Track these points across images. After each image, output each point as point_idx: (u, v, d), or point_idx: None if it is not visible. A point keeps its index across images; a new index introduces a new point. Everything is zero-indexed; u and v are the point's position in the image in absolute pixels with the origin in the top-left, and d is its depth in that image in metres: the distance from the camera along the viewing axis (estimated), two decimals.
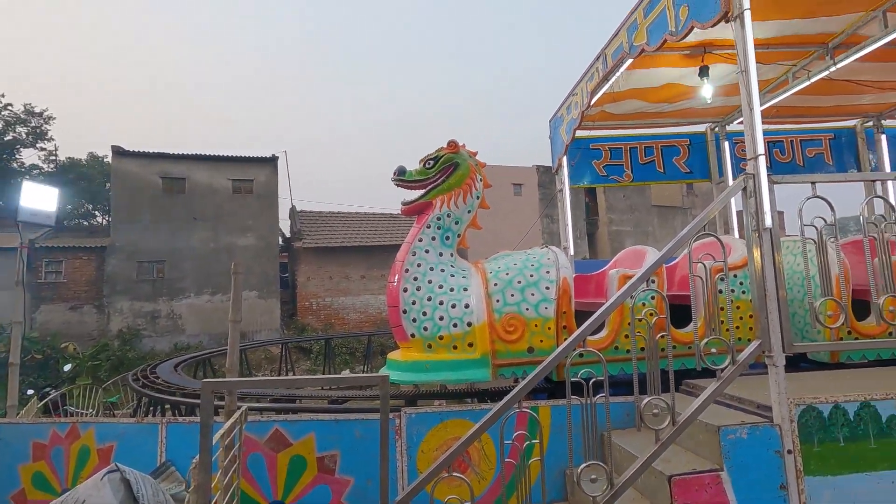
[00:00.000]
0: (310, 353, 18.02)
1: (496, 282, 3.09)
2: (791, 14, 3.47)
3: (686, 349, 2.96)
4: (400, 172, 3.37)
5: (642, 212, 24.90)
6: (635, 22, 3.19)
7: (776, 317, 2.12)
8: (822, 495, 2.06)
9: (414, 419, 2.75)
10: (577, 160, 5.30)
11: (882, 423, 2.14)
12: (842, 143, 5.55)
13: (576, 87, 4.35)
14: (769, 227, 2.15)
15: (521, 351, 3.00)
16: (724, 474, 2.06)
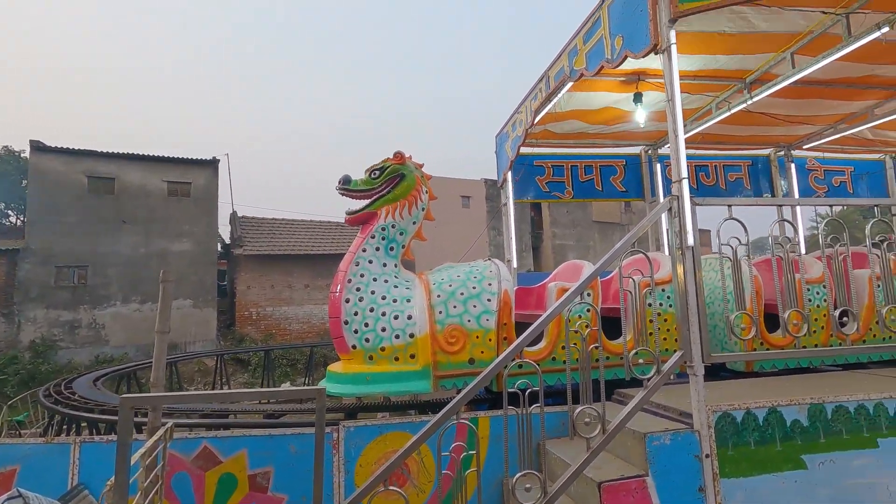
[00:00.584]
0: (248, 365, 17.24)
1: (439, 293, 3.11)
2: (714, 50, 3.78)
3: (618, 360, 3.10)
4: (345, 181, 3.33)
5: (584, 227, 25.93)
6: (576, 47, 3.36)
7: (696, 329, 2.27)
8: (735, 496, 2.21)
9: (352, 433, 2.70)
10: (522, 176, 5.46)
11: (786, 427, 2.34)
12: (758, 169, 6.07)
13: (521, 105, 4.50)
14: (691, 246, 2.31)
15: (463, 362, 3.03)
16: (649, 479, 2.17)
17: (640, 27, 2.60)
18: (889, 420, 2.43)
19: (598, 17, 3.06)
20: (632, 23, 2.68)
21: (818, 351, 2.93)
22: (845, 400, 2.41)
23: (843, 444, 2.36)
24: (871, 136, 5.69)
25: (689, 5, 2.43)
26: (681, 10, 2.44)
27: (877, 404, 2.42)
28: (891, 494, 2.37)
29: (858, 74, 4.24)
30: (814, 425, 2.36)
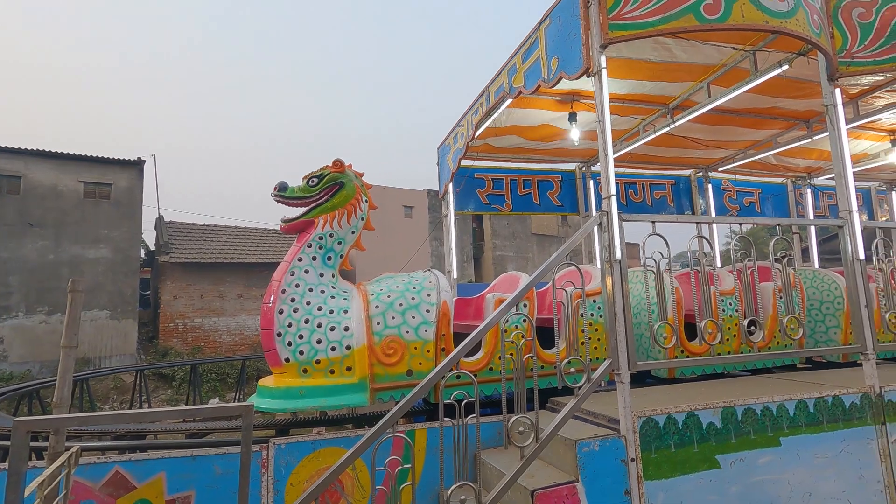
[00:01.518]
0: (172, 380, 16.10)
1: (377, 304, 3.07)
2: (641, 76, 4.05)
3: (553, 369, 3.20)
4: (281, 188, 3.23)
5: (523, 239, 26.66)
6: (514, 66, 3.47)
7: (623, 338, 2.39)
8: (657, 497, 2.33)
9: (283, 450, 2.58)
10: (463, 188, 5.54)
11: (703, 429, 2.50)
12: (680, 188, 6.53)
13: (462, 118, 4.58)
14: (619, 259, 2.44)
15: (401, 374, 3.00)
16: (579, 485, 2.24)
17: (574, 51, 2.73)
18: (790, 420, 2.66)
19: (535, 38, 3.18)
20: (566, 46, 2.82)
21: (731, 357, 3.17)
22: (753, 403, 2.62)
23: (751, 444, 2.56)
24: (775, 162, 6.31)
25: (617, 33, 2.59)
26: (610, 37, 2.59)
27: (779, 406, 2.65)
28: (792, 489, 2.60)
29: (764, 106, 4.70)
30: (726, 427, 2.54)
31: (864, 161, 6.17)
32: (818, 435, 2.71)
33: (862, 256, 2.96)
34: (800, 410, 2.69)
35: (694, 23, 2.58)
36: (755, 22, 2.61)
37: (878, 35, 3.16)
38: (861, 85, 4.37)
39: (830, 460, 2.70)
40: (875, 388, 2.87)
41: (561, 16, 2.90)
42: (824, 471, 2.67)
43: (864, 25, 3.19)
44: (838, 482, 2.68)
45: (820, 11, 3.05)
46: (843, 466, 2.71)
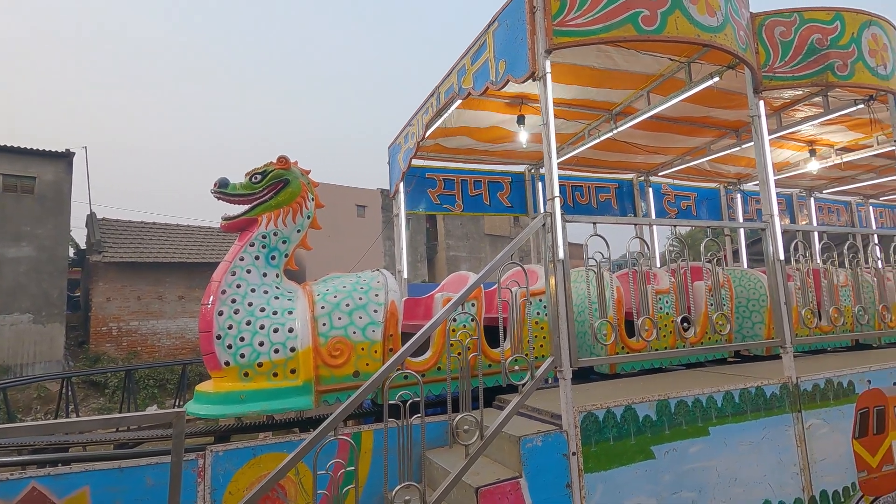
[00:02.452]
0: (105, 388, 15.09)
1: (323, 305, 3.00)
2: (585, 82, 4.18)
3: (499, 367, 3.25)
4: (222, 184, 3.09)
5: (476, 239, 26.95)
6: (464, 67, 3.50)
7: (566, 336, 2.46)
8: (596, 489, 2.42)
9: (221, 457, 2.47)
10: (414, 187, 5.53)
11: (639, 422, 2.62)
12: (623, 191, 6.81)
13: (413, 118, 4.56)
14: (562, 259, 2.51)
15: (347, 375, 2.95)
16: (522, 480, 2.28)
17: (521, 54, 2.79)
18: (718, 410, 2.83)
19: (484, 40, 3.22)
20: (513, 49, 2.87)
21: (666, 353, 3.32)
22: (685, 395, 2.77)
23: (683, 434, 2.70)
24: (709, 168, 6.70)
25: (562, 39, 2.66)
26: (555, 42, 2.66)
27: (708, 397, 2.82)
28: (719, 475, 2.76)
29: (698, 115, 4.98)
30: (660, 419, 2.66)
31: (786, 169, 6.67)
32: (743, 424, 2.89)
33: (782, 257, 3.19)
34: (726, 401, 2.87)
35: (633, 33, 2.69)
36: (688, 35, 2.76)
37: (797, 52, 3.42)
38: (783, 98, 4.72)
39: (753, 447, 2.89)
40: (793, 378, 3.10)
41: (508, 20, 2.95)
42: (748, 457, 2.86)
43: (784, 43, 3.44)
44: (760, 467, 2.88)
45: (746, 28, 3.27)
46: (765, 452, 2.91)
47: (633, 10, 2.68)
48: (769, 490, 2.88)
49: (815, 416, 3.14)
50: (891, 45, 3.69)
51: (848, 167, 6.95)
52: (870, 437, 3.33)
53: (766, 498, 2.86)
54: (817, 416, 3.15)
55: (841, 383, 3.29)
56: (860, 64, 3.49)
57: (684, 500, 2.63)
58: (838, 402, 3.25)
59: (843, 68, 3.44)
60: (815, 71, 3.41)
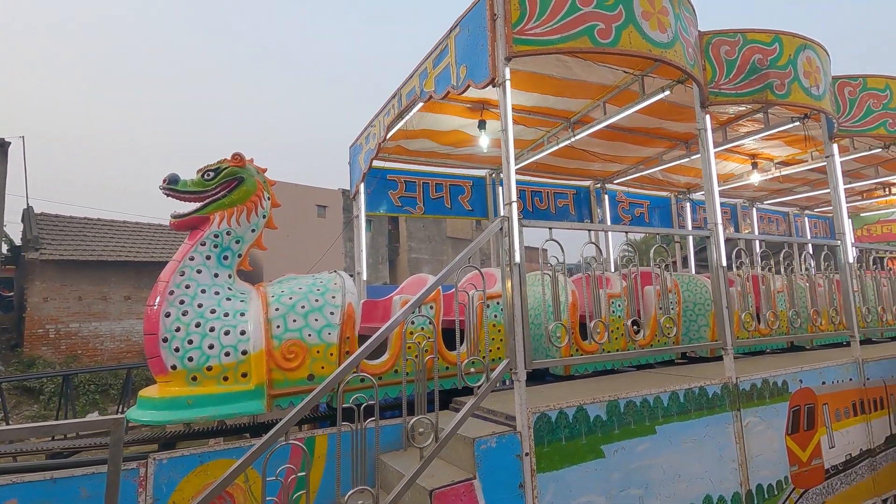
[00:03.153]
0: (40, 394, 14.13)
1: (278, 306, 2.93)
2: (545, 90, 4.28)
3: (457, 370, 3.26)
4: (172, 181, 2.97)
5: (438, 242, 27.01)
6: (426, 70, 3.51)
7: (521, 338, 2.50)
8: (548, 488, 2.47)
9: (165, 465, 2.37)
10: (375, 189, 5.49)
11: (590, 422, 2.69)
12: (581, 198, 7.00)
13: (374, 118, 4.54)
14: (518, 263, 2.55)
15: (301, 379, 2.89)
16: (476, 482, 2.30)
17: (481, 60, 2.82)
18: (663, 410, 2.95)
19: (446, 45, 3.24)
20: (474, 55, 2.90)
21: (617, 355, 3.45)
22: (634, 396, 2.87)
23: (631, 433, 2.80)
24: (661, 177, 6.99)
25: (521, 48, 2.72)
26: (515, 50, 2.71)
27: (655, 397, 2.93)
28: (664, 472, 2.88)
29: (651, 126, 5.19)
30: (610, 419, 2.75)
31: (731, 180, 7.05)
32: (687, 422, 3.03)
33: (724, 263, 3.37)
34: (672, 401, 3.00)
35: (589, 45, 2.78)
36: (640, 50, 2.88)
37: (740, 71, 3.63)
38: (728, 113, 4.99)
39: (696, 444, 3.03)
40: (733, 379, 3.27)
41: (470, 25, 2.98)
42: (691, 453, 2.99)
43: (729, 61, 3.64)
44: (702, 463, 3.02)
45: (695, 46, 3.44)
46: (707, 449, 3.06)
47: (590, 22, 2.77)
48: (710, 485, 3.02)
49: (753, 414, 3.33)
50: (823, 68, 3.97)
51: (786, 180, 7.43)
52: (801, 433, 3.56)
53: (707, 493, 3.00)
54: (754, 413, 3.33)
55: (776, 383, 3.50)
56: (796, 84, 3.73)
57: (632, 497, 2.73)
58: (773, 400, 3.46)
59: (781, 87, 3.67)
60: (756, 89, 3.62)
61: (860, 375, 4.06)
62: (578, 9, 2.76)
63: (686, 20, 3.28)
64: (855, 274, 4.39)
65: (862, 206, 9.20)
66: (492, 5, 2.76)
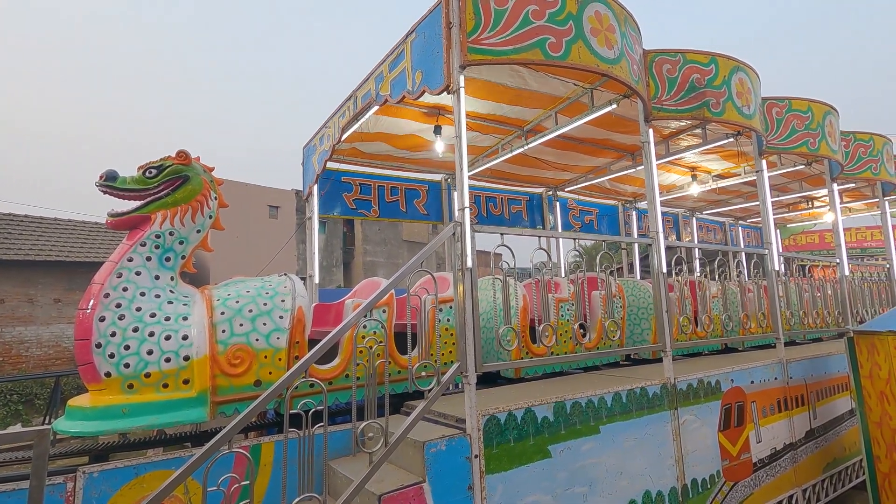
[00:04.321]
0: None
1: (223, 310, 2.83)
2: (499, 99, 4.37)
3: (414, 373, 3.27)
4: (110, 177, 2.82)
5: (394, 245, 26.87)
6: (381, 74, 3.51)
7: (472, 342, 2.54)
8: (497, 489, 2.51)
9: (96, 479, 2.23)
10: (329, 191, 5.41)
11: (538, 423, 2.77)
12: (534, 205, 7.18)
13: (329, 120, 4.48)
14: (470, 267, 2.59)
15: (248, 385, 2.80)
16: (426, 485, 2.32)
17: (437, 67, 2.86)
18: (607, 410, 3.08)
19: (402, 50, 3.26)
20: (430, 61, 2.93)
21: (566, 357, 3.56)
22: (580, 397, 2.97)
23: (577, 433, 2.90)
24: (609, 187, 7.28)
25: (475, 56, 2.77)
26: (469, 59, 2.76)
27: (600, 398, 3.05)
28: (608, 470, 3.00)
29: (600, 137, 5.40)
30: (557, 420, 2.84)
31: (673, 191, 7.44)
32: (629, 421, 3.17)
33: (665, 270, 3.56)
34: (616, 401, 3.12)
35: (540, 57, 2.87)
36: (589, 64, 3.00)
37: (680, 88, 3.85)
38: (671, 128, 5.28)
39: (637, 442, 3.17)
40: (671, 379, 3.45)
41: (426, 32, 3.01)
42: (633, 451, 3.13)
43: (670, 79, 3.86)
44: (643, 460, 3.16)
45: (639, 63, 3.62)
46: (647, 446, 3.21)
47: (542, 35, 2.86)
48: (649, 481, 3.17)
49: (689, 413, 3.52)
50: (753, 90, 4.28)
51: (722, 192, 7.92)
52: (732, 429, 3.80)
53: (647, 489, 3.15)
54: (690, 412, 3.53)
55: (710, 382, 3.72)
56: (730, 103, 4.00)
57: (576, 495, 2.82)
58: (707, 399, 3.68)
59: (717, 106, 3.92)
60: (694, 106, 3.85)
61: (784, 375, 4.38)
62: (531, 22, 2.85)
63: (631, 38, 3.45)
64: (780, 280, 4.74)
65: (789, 217, 9.93)
66: (448, 13, 2.80)
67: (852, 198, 8.18)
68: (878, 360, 3.91)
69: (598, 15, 3.08)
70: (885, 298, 6.39)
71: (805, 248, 14.70)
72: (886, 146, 6.36)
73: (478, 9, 2.78)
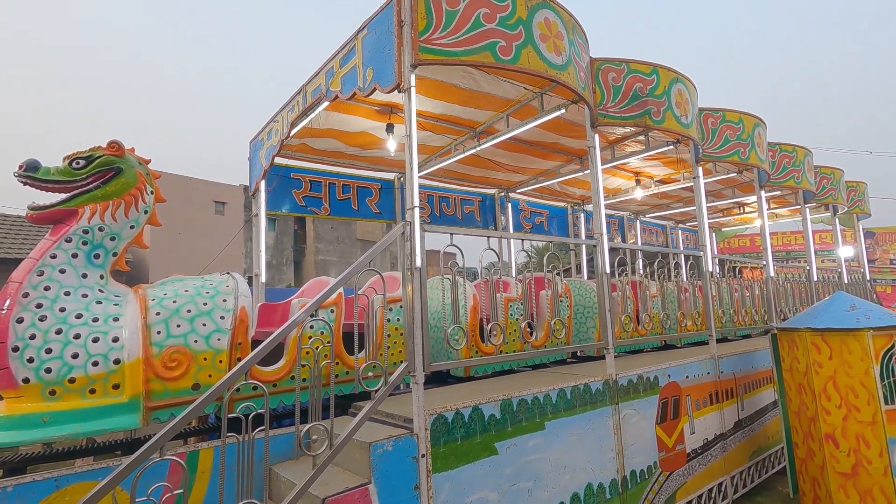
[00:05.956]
0: None
1: (159, 311, 2.68)
2: (452, 100, 4.40)
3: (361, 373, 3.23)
4: (30, 167, 2.61)
5: (347, 244, 26.46)
6: (332, 69, 3.44)
7: (420, 342, 2.54)
8: (443, 488, 2.53)
9: (10, 494, 2.06)
10: (278, 187, 5.26)
11: (485, 421, 2.81)
12: (486, 205, 7.27)
13: (277, 114, 4.35)
14: (419, 267, 2.59)
15: (185, 389, 2.67)
16: (371, 486, 2.29)
17: (388, 65, 2.84)
18: (552, 406, 3.16)
19: (353, 45, 3.21)
20: (381, 59, 2.91)
21: (513, 355, 3.62)
22: (526, 394, 3.04)
23: (523, 430, 2.96)
24: (559, 189, 7.49)
25: (427, 56, 2.77)
26: (421, 58, 2.76)
27: (545, 395, 3.13)
28: (552, 465, 3.08)
29: (550, 141, 5.54)
30: (504, 417, 2.89)
31: (619, 195, 7.75)
32: (573, 417, 3.27)
33: (608, 270, 3.70)
34: (560, 398, 3.22)
35: (491, 60, 2.91)
36: (538, 69, 3.08)
37: (624, 96, 4.02)
38: (616, 134, 5.48)
39: (581, 437, 3.28)
40: (613, 375, 3.59)
41: (377, 29, 2.99)
42: (576, 446, 3.23)
43: (615, 87, 4.02)
44: (585, 454, 3.27)
45: (586, 70, 3.74)
46: (589, 441, 3.32)
47: (492, 39, 2.91)
48: (591, 474, 3.29)
49: (629, 407, 3.68)
50: (691, 100, 4.52)
51: (663, 196, 8.33)
52: (668, 422, 4.00)
53: (588, 481, 3.26)
54: (630, 406, 3.69)
55: (649, 378, 3.91)
56: (669, 113, 4.22)
57: (522, 491, 2.88)
58: (646, 393, 3.85)
59: (658, 114, 4.12)
60: (637, 114, 4.03)
61: (716, 370, 4.66)
62: (482, 24, 2.89)
63: (579, 46, 3.57)
64: (713, 281, 5.03)
65: (723, 221, 10.58)
66: (399, 12, 2.78)
67: (778, 204, 8.82)
68: (797, 355, 4.24)
69: (547, 21, 3.16)
70: (805, 297, 6.93)
71: (738, 251, 15.72)
72: (807, 157, 6.90)
73: (430, 9, 2.79)
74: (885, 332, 3.83)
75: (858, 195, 9.45)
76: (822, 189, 7.76)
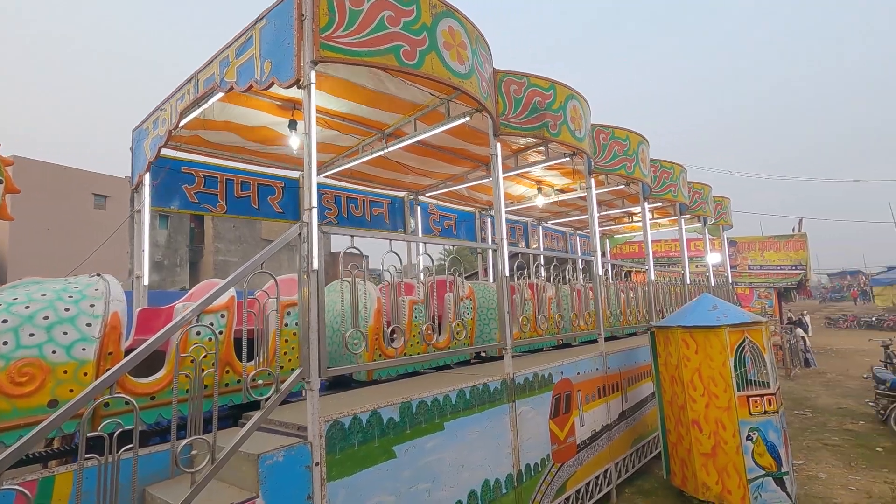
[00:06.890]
0: None
1: (6, 318, 2.33)
2: (358, 99, 4.33)
3: (250, 382, 3.05)
4: None
5: (251, 244, 24.97)
6: (227, 58, 3.24)
7: (315, 347, 2.46)
8: (338, 495, 2.47)
9: None
10: (166, 181, 4.82)
11: (384, 425, 2.79)
12: (396, 207, 7.25)
13: (165, 102, 3.99)
14: (316, 269, 2.51)
15: (39, 406, 2.34)
16: (259, 500, 2.17)
17: (287, 59, 2.73)
18: (452, 407, 3.23)
19: (250, 35, 3.04)
20: (280, 52, 2.79)
21: (416, 358, 3.65)
22: (426, 396, 3.07)
23: (422, 432, 2.99)
24: (467, 194, 7.68)
25: (329, 53, 2.71)
26: (322, 55, 2.69)
27: (444, 396, 3.18)
28: (451, 464, 3.14)
29: (457, 147, 5.67)
30: (403, 420, 2.89)
31: (522, 202, 8.13)
32: (472, 416, 3.36)
33: (507, 273, 3.86)
34: (460, 398, 3.29)
35: (395, 63, 2.92)
36: (441, 76, 3.13)
37: (525, 108, 4.23)
38: (519, 143, 5.75)
39: (479, 435, 3.38)
40: (510, 374, 3.75)
41: (276, 20, 2.86)
42: (474, 444, 3.32)
43: (517, 99, 4.21)
44: (483, 452, 3.38)
45: (489, 81, 3.89)
46: (487, 438, 3.44)
47: (396, 42, 2.91)
48: (489, 470, 3.40)
49: (525, 404, 3.86)
50: (584, 116, 4.88)
51: (563, 204, 8.89)
52: (560, 416, 4.26)
53: (486, 478, 3.37)
54: (526, 403, 3.87)
55: (544, 376, 4.13)
56: (565, 126, 4.51)
57: (420, 492, 2.90)
58: (541, 390, 4.07)
59: (554, 127, 4.39)
60: (536, 126, 4.26)
61: (604, 366, 5.06)
62: (386, 27, 2.88)
63: (482, 57, 3.69)
64: (602, 283, 5.46)
65: (615, 229, 11.53)
66: (300, 4, 2.69)
67: (660, 215, 9.81)
68: (671, 350, 4.74)
69: (451, 30, 3.24)
70: (681, 298, 7.77)
71: (628, 256, 17.23)
72: (682, 174, 7.75)
73: (332, 5, 2.73)
74: (738, 329, 4.41)
75: (723, 209, 10.83)
76: (695, 202, 8.77)
